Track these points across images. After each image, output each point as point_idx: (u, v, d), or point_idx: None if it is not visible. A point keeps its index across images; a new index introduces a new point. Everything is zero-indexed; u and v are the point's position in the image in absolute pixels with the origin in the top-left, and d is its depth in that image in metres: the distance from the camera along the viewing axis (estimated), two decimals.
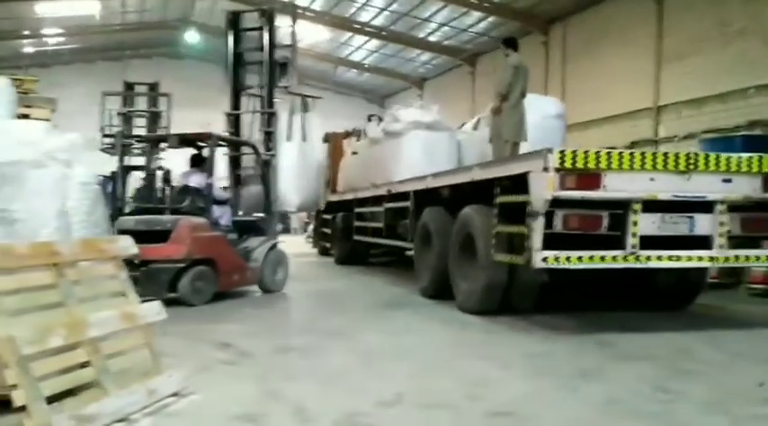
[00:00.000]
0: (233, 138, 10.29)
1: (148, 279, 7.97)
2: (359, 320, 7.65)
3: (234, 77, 10.88)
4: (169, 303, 5.89)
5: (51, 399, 3.53)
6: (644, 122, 17.71)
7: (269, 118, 10.71)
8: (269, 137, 10.59)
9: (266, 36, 10.79)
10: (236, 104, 10.94)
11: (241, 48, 10.94)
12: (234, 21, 10.95)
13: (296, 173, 10.96)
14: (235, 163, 10.67)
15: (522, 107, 9.66)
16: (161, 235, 8.30)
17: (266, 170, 9.99)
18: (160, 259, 8.15)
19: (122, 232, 7.74)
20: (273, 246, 9.85)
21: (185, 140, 9.65)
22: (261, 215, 9.98)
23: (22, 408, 3.35)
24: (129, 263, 7.46)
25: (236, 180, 10.70)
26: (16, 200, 4.43)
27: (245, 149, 10.64)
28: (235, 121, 10.95)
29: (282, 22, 11.02)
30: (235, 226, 9.49)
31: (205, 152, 9.45)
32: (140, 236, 7.38)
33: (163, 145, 10.46)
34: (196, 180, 9.28)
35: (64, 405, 3.60)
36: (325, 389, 4.65)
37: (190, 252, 8.40)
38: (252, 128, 11.05)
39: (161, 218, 8.61)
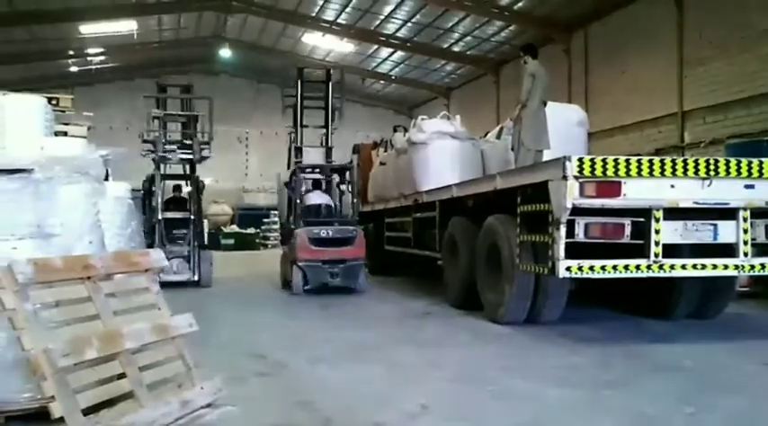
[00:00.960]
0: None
1: (347, 273, 11.09)
2: (388, 331, 7.71)
3: (300, 117, 13.17)
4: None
5: (87, 410, 3.62)
6: (669, 129, 17.57)
7: (331, 151, 13.28)
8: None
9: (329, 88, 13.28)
10: (301, 138, 13.28)
11: (305, 95, 13.25)
12: (300, 73, 13.37)
13: None
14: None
15: (543, 114, 9.56)
16: (336, 241, 11.16)
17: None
18: (352, 258, 11.15)
19: (313, 239, 11.06)
20: None
21: (333, 169, 12.88)
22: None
23: (60, 419, 3.45)
24: (328, 262, 10.95)
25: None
26: (51, 215, 4.52)
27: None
28: (298, 151, 13.22)
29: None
30: None
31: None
32: (323, 242, 11.04)
33: None
34: (323, 198, 12.40)
35: (100, 417, 3.70)
36: (354, 401, 4.72)
37: (365, 254, 11.53)
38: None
39: (348, 228, 11.56)
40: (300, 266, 11.09)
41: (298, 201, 11.93)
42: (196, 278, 12.40)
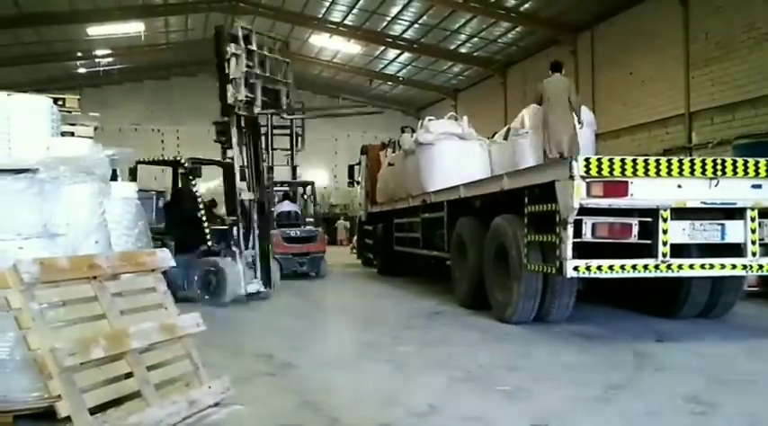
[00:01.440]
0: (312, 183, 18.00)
1: (311, 263, 14.60)
2: (396, 331, 7.69)
3: (273, 143, 17.07)
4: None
5: (95, 410, 3.62)
6: (676, 129, 17.53)
7: (295, 169, 18.17)
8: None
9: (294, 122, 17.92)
10: (272, 159, 16.43)
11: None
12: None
13: None
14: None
15: (552, 122, 9.80)
16: (303, 239, 14.74)
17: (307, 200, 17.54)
18: (315, 251, 14.76)
19: (286, 238, 14.37)
20: None
21: (301, 183, 17.96)
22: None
23: (67, 418, 3.45)
24: (298, 255, 14.41)
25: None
26: (56, 215, 4.52)
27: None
28: (270, 169, 15.71)
29: None
30: None
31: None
32: (293, 240, 14.56)
33: None
34: (291, 207, 16.03)
35: (107, 416, 3.70)
36: (361, 401, 4.72)
37: (324, 249, 15.18)
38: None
39: (311, 229, 15.26)
40: (276, 258, 12.99)
41: (272, 209, 14.68)
42: (265, 288, 10.18)
